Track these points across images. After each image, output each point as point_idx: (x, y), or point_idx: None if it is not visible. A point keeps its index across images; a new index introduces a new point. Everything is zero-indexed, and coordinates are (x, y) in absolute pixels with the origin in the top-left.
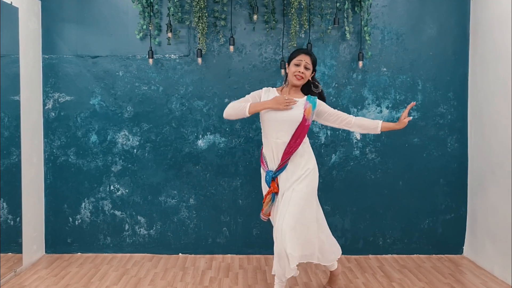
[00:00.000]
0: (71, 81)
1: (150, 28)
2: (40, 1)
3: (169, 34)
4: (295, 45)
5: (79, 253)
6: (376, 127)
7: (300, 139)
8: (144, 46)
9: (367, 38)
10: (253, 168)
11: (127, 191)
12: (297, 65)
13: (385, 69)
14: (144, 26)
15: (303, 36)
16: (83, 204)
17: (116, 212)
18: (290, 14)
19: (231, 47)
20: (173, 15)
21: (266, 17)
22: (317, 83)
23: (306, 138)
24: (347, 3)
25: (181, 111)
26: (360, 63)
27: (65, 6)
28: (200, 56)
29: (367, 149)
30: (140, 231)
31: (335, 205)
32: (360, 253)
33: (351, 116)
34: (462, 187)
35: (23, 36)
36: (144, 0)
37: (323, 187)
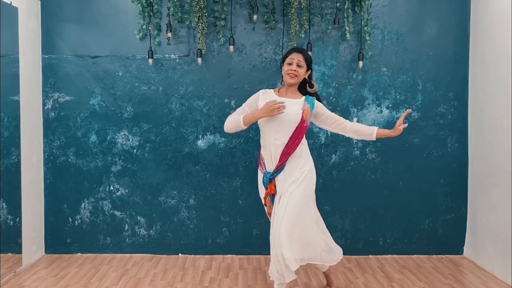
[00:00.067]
0: (71, 81)
1: (150, 28)
2: (40, 1)
3: (169, 34)
4: (295, 45)
5: (79, 254)
6: (372, 134)
7: (298, 140)
8: (144, 46)
9: (367, 38)
10: (253, 168)
11: (127, 191)
12: (290, 64)
13: (385, 69)
14: (144, 26)
15: (303, 36)
16: (83, 204)
17: (116, 212)
18: (290, 14)
19: (231, 47)
20: (173, 15)
21: (266, 17)
22: (313, 83)
23: (305, 140)
24: (347, 3)
25: (181, 111)
26: (360, 63)
27: (65, 6)
28: (200, 56)
29: (367, 149)
30: (140, 231)
31: (335, 206)
32: (360, 254)
33: (347, 121)
34: (462, 187)
35: (23, 36)
36: (144, 0)
37: (323, 187)
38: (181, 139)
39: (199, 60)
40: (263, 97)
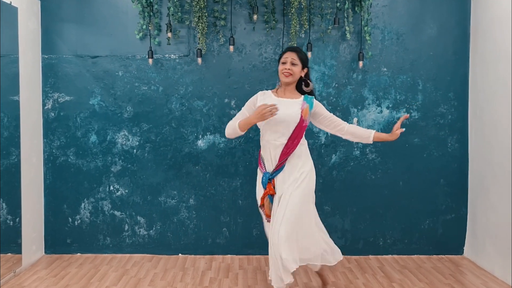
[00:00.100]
0: (71, 81)
1: (150, 28)
2: (40, 1)
3: (169, 34)
4: (295, 45)
5: (79, 254)
6: (369, 137)
7: (298, 140)
8: (144, 46)
9: (367, 38)
10: (253, 168)
11: (127, 192)
12: (284, 63)
13: (386, 69)
14: (144, 26)
15: (303, 36)
16: (83, 205)
17: (116, 213)
18: (290, 14)
19: (231, 47)
20: (173, 15)
21: (266, 17)
22: (309, 81)
23: (304, 140)
24: (347, 3)
25: (181, 111)
26: (360, 63)
27: (65, 6)
28: (200, 56)
29: (367, 149)
30: (140, 232)
31: (335, 206)
32: (360, 254)
33: (345, 123)
34: (463, 188)
35: (23, 36)
36: (144, 0)
37: (323, 187)
38: (181, 139)
39: (199, 60)
40: (261, 99)
